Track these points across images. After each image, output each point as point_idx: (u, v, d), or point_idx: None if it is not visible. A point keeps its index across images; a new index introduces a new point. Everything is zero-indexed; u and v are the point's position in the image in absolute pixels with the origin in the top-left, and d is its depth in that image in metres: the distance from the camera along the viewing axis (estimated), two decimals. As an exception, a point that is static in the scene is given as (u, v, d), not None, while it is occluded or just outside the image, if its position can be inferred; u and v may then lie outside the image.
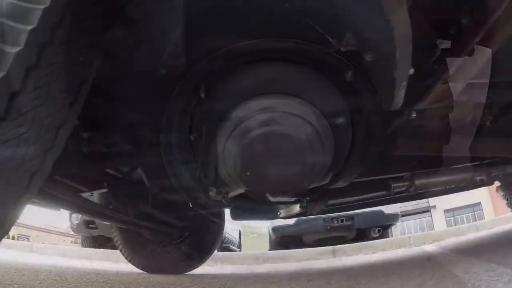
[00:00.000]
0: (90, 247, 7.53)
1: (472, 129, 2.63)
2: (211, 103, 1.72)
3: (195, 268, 3.44)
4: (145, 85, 1.50)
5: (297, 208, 3.05)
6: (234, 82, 1.65)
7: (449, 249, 3.76)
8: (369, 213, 6.89)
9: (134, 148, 1.95)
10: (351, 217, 6.90)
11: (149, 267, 3.28)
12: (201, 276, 3.28)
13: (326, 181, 2.16)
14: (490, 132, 2.73)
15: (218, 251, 7.50)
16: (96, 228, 6.83)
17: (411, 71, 1.26)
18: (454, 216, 29.31)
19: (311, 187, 2.11)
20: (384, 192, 2.69)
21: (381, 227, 7.41)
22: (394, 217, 7.43)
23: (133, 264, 3.35)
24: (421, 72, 1.31)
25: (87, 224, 6.87)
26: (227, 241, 9.04)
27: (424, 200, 30.08)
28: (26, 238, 27.40)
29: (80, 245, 8.37)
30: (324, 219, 6.87)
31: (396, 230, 32.42)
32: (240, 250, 10.87)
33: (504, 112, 2.53)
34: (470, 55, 1.15)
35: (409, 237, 5.80)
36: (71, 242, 20.55)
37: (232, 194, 2.19)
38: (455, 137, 2.33)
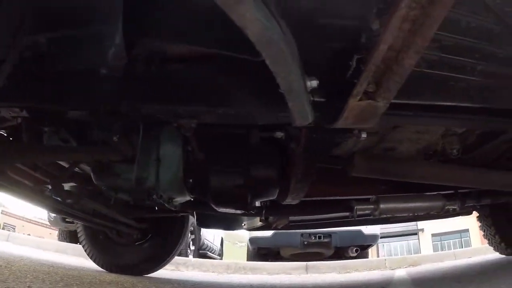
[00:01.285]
0: (67, 242, 7.42)
1: (438, 157, 2.59)
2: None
3: (155, 270, 3.41)
4: (84, 84, 1.42)
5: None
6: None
7: (413, 278, 3.68)
8: (348, 232, 6.84)
9: (79, 143, 1.91)
10: (329, 234, 6.85)
11: (110, 265, 3.26)
12: (158, 279, 3.22)
13: (273, 197, 2.13)
14: (464, 162, 2.72)
15: (193, 257, 7.43)
16: (72, 222, 6.71)
17: (313, 83, 1.11)
18: (441, 240, 29.33)
19: (258, 201, 2.13)
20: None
21: (359, 247, 7.34)
22: (373, 238, 7.37)
23: (94, 261, 3.33)
24: (341, 86, 1.16)
25: (64, 218, 6.75)
26: (206, 247, 8.94)
27: (413, 223, 30.14)
28: (12, 227, 27.25)
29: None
30: (301, 234, 6.80)
31: (383, 250, 32.55)
32: (221, 258, 10.78)
33: (481, 143, 2.50)
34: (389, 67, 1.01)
35: (385, 260, 5.73)
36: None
37: (179, 200, 2.19)
38: (421, 163, 2.28)
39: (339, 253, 7.34)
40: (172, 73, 1.40)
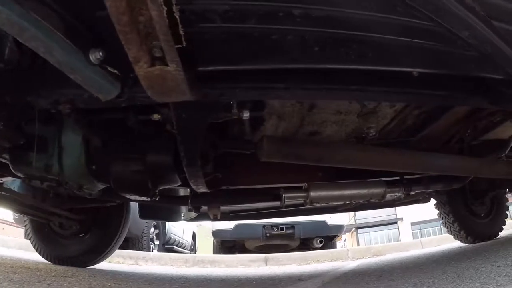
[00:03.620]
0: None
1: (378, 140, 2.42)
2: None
3: (97, 261, 3.42)
4: None
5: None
6: None
7: (360, 268, 3.53)
8: (311, 223, 6.73)
9: None
10: (291, 226, 6.71)
11: (54, 257, 3.29)
12: (101, 271, 3.24)
13: (176, 183, 2.05)
14: (411, 146, 2.56)
15: (158, 252, 7.25)
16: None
17: (97, 55, 1.07)
18: (420, 229, 29.68)
19: (160, 187, 2.05)
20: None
21: (324, 238, 7.22)
22: (337, 228, 7.27)
23: (39, 253, 3.36)
24: None
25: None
26: (174, 242, 8.75)
27: (392, 212, 30.57)
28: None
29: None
30: (263, 226, 6.66)
31: (363, 239, 32.89)
32: (194, 253, 10.62)
33: (424, 124, 2.33)
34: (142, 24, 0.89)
35: (348, 250, 5.61)
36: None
37: (90, 188, 2.15)
38: (340, 146, 2.09)
39: (305, 244, 7.22)
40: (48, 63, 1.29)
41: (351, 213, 26.81)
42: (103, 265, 3.94)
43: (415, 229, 29.85)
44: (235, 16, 1.06)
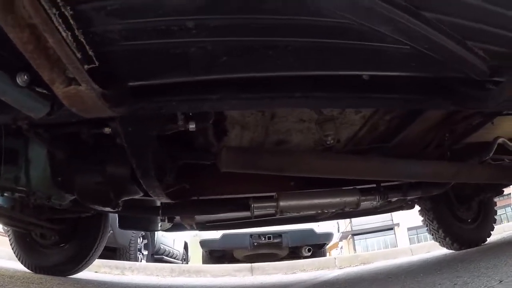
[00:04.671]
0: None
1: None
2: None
3: (76, 271, 3.40)
4: None
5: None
6: None
7: (343, 278, 3.48)
8: (299, 232, 6.66)
9: None
10: (279, 235, 6.64)
11: (34, 267, 3.31)
12: (78, 280, 3.23)
13: (138, 194, 2.11)
14: (386, 153, 2.51)
15: (147, 262, 7.18)
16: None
17: (23, 78, 1.13)
18: (417, 234, 29.59)
19: (123, 198, 2.08)
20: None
21: (312, 246, 7.13)
22: (326, 237, 7.19)
23: (21, 262, 3.39)
24: None
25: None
26: (163, 252, 8.65)
27: (388, 218, 30.50)
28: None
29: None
30: (251, 235, 6.59)
31: (360, 246, 32.78)
32: (186, 263, 10.51)
33: (398, 130, 2.28)
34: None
35: (335, 259, 5.55)
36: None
37: (59, 198, 2.23)
38: (302, 155, 2.03)
39: (295, 253, 7.15)
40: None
41: (347, 220, 26.76)
42: (88, 274, 4.01)
43: (411, 234, 29.76)
44: (131, 34, 1.07)
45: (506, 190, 4.21)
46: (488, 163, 2.96)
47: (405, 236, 29.77)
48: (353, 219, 25.28)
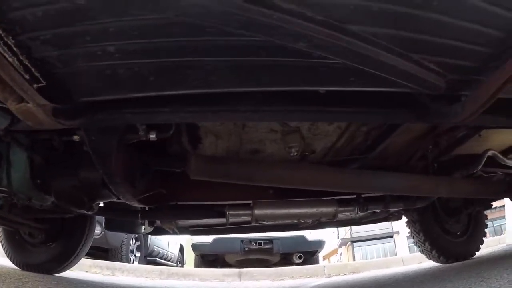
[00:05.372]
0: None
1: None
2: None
3: (61, 269, 3.46)
4: None
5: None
6: None
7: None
8: (290, 238, 6.66)
9: None
10: (270, 241, 6.64)
11: (22, 264, 3.38)
12: (61, 279, 3.24)
13: (110, 198, 2.16)
14: (365, 165, 2.50)
15: (139, 264, 7.19)
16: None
17: None
18: (417, 242, 29.27)
19: (97, 201, 2.19)
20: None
21: (304, 253, 7.12)
22: (317, 244, 7.18)
23: (10, 259, 3.44)
24: None
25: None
26: (157, 254, 8.67)
27: (388, 226, 30.34)
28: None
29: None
30: (242, 240, 6.59)
31: (359, 253, 32.63)
32: (182, 266, 10.51)
33: (377, 142, 2.28)
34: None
35: (324, 267, 5.54)
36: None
37: (39, 199, 2.26)
38: (271, 166, 2.05)
39: (287, 260, 7.13)
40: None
41: (347, 227, 26.63)
42: (78, 274, 4.10)
43: (411, 242, 29.51)
44: (66, 59, 1.18)
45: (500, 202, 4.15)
46: (471, 177, 2.95)
47: (404, 244, 29.55)
48: (353, 227, 25.16)
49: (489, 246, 6.39)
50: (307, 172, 2.07)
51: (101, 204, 2.88)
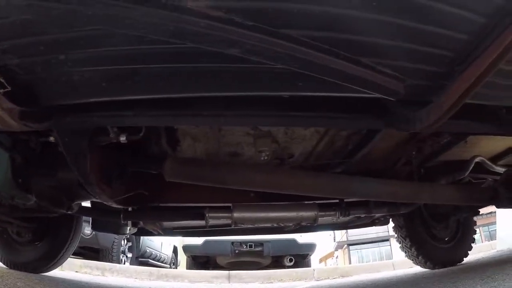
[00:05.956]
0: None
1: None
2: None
3: (48, 269, 3.50)
4: None
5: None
6: None
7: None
8: (281, 241, 6.67)
9: None
10: (260, 243, 6.65)
11: (10, 262, 3.39)
12: (44, 277, 3.28)
13: (88, 199, 2.29)
14: (348, 170, 2.50)
15: (131, 265, 7.20)
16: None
17: None
18: (412, 247, 29.26)
19: (76, 201, 2.24)
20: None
21: (295, 256, 7.12)
22: (308, 247, 7.19)
23: None
24: None
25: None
26: (150, 256, 8.67)
27: (384, 229, 30.27)
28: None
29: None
30: (232, 243, 6.60)
31: (355, 256, 32.60)
32: (175, 267, 10.50)
33: (359, 147, 2.28)
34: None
35: (314, 270, 5.55)
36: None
37: (22, 198, 2.27)
38: (245, 169, 2.06)
39: (278, 262, 7.13)
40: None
41: (343, 231, 26.60)
42: (67, 274, 4.14)
43: (406, 247, 29.48)
44: (26, 66, 1.24)
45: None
46: (455, 184, 2.93)
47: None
48: (349, 230, 25.13)
49: (482, 251, 6.40)
50: (280, 176, 2.08)
51: (89, 204, 2.91)
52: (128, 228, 3.29)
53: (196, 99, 1.34)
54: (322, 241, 39.01)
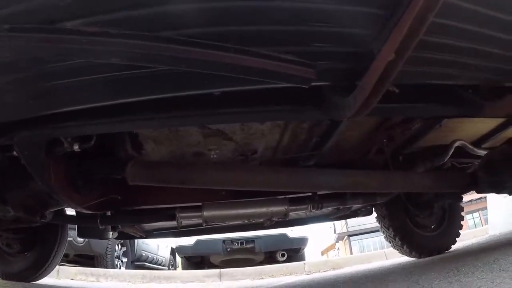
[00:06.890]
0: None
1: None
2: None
3: (37, 277, 3.54)
4: None
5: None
6: None
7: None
8: (272, 237, 6.67)
9: None
10: (251, 240, 6.66)
11: (3, 273, 3.44)
12: (32, 285, 3.36)
13: (61, 206, 2.30)
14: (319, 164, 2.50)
15: (126, 269, 7.22)
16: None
17: None
18: (414, 235, 29.28)
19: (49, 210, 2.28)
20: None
21: (287, 251, 7.14)
22: (300, 241, 7.20)
23: None
24: None
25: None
26: (146, 259, 8.70)
27: (385, 220, 30.23)
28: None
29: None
30: (223, 241, 6.62)
31: (356, 246, 32.52)
32: (174, 269, 10.49)
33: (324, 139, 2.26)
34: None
35: (304, 264, 5.58)
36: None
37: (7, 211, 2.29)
38: (205, 168, 2.09)
39: (272, 258, 7.15)
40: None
41: (343, 221, 26.56)
42: (62, 281, 4.23)
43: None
44: None
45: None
46: (431, 171, 2.88)
47: (402, 237, 29.55)
48: (349, 220, 25.07)
49: (477, 236, 6.42)
50: (239, 173, 2.09)
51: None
52: (110, 232, 3.34)
53: (132, 104, 1.37)
54: (323, 233, 39.02)
